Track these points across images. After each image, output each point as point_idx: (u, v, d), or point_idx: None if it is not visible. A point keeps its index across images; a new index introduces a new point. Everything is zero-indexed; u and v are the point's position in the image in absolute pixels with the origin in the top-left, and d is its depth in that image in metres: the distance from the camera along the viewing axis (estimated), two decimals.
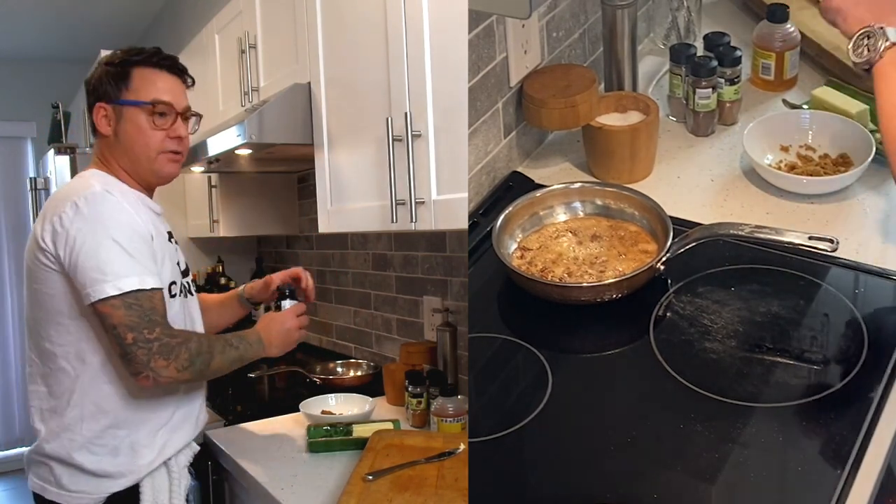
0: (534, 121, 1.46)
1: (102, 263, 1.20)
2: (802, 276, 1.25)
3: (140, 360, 1.20)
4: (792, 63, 1.57)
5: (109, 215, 1.24)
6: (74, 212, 1.23)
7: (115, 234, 1.22)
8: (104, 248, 1.21)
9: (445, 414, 1.60)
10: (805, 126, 1.47)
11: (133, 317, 1.20)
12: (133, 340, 1.20)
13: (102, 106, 1.37)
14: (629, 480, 1.01)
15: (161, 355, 1.22)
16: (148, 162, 1.37)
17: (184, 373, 1.25)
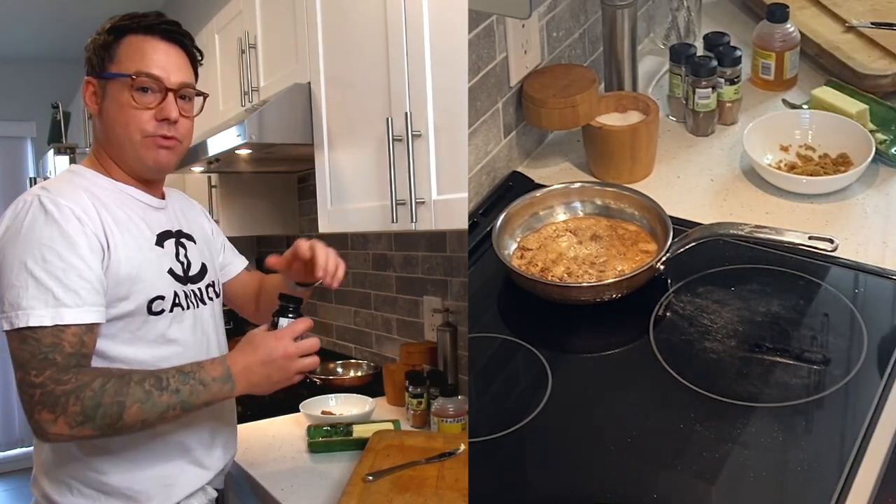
0: (534, 121, 1.46)
1: (4, 290, 1.01)
2: (802, 276, 1.25)
3: (25, 407, 0.99)
4: (792, 63, 1.57)
5: (28, 232, 1.01)
6: (2, 222, 1.05)
7: (27, 255, 1.00)
8: (9, 270, 1.01)
9: (446, 414, 1.60)
10: (805, 126, 1.47)
11: (24, 353, 0.98)
12: (19, 382, 0.98)
13: (90, 81, 1.16)
14: (629, 480, 1.01)
15: (44, 406, 0.97)
16: (131, 147, 1.14)
17: (79, 428, 0.97)
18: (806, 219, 1.34)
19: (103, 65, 1.14)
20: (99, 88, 1.15)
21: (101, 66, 1.14)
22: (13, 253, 1.01)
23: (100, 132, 1.17)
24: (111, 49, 1.15)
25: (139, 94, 1.12)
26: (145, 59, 1.13)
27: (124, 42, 1.15)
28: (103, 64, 1.14)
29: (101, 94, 1.15)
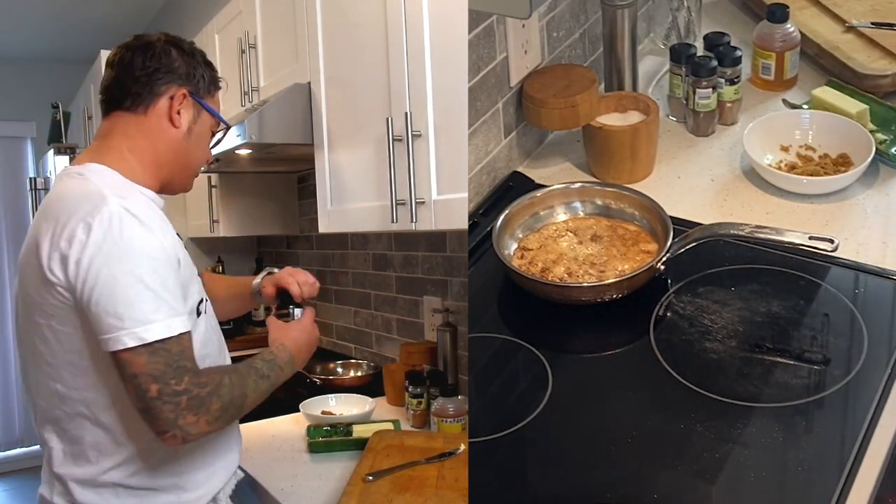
0: (534, 121, 1.46)
1: (121, 306, 0.98)
2: (802, 276, 1.25)
3: (166, 417, 0.99)
4: (792, 63, 1.57)
5: (130, 243, 1.00)
6: (87, 236, 0.99)
7: (135, 266, 1.00)
8: (122, 286, 0.99)
9: (446, 414, 1.60)
10: (805, 126, 1.47)
11: (158, 365, 0.99)
12: (158, 394, 0.98)
13: (186, 94, 1.17)
14: (629, 480, 1.01)
15: (190, 410, 1.00)
16: (192, 174, 1.25)
17: (215, 424, 1.04)
18: (806, 219, 1.34)
19: (207, 95, 1.21)
20: (194, 109, 1.19)
21: (205, 95, 1.21)
22: (121, 267, 0.99)
23: (169, 141, 1.17)
24: (214, 84, 1.23)
25: (213, 138, 1.26)
26: (221, 110, 1.26)
27: (215, 89, 1.24)
28: (207, 94, 1.21)
29: (193, 116, 1.19)
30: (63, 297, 1.02)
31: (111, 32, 4.16)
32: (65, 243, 1.00)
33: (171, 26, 3.80)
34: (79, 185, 1.08)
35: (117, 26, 4.12)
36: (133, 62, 1.15)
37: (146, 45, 1.17)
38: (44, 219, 1.06)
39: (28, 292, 1.08)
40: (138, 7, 3.91)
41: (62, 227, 1.02)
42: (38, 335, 1.08)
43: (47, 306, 1.05)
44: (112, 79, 1.17)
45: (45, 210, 1.08)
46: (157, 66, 1.15)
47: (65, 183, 1.10)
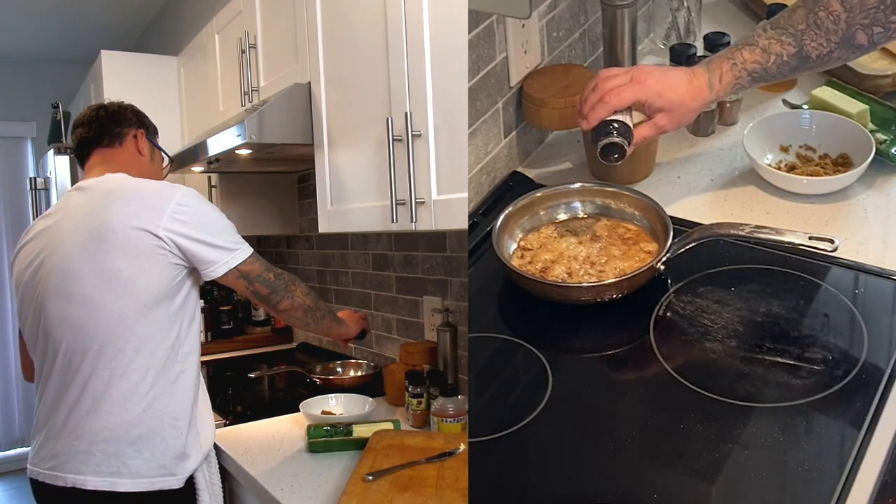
0: (534, 121, 1.46)
1: (229, 238, 1.43)
2: (802, 276, 1.25)
3: (282, 289, 1.48)
4: None
5: (213, 209, 1.45)
6: (192, 199, 1.40)
7: (221, 218, 1.45)
8: (220, 228, 1.42)
9: (445, 414, 1.60)
10: (805, 126, 1.47)
11: (263, 264, 1.47)
12: (276, 276, 1.48)
13: (142, 133, 1.65)
14: (629, 480, 1.01)
15: (292, 283, 1.51)
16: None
17: (306, 297, 1.54)
18: (806, 219, 1.34)
19: (155, 136, 1.71)
20: (148, 145, 1.67)
21: (154, 136, 1.70)
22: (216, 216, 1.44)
23: (142, 166, 1.63)
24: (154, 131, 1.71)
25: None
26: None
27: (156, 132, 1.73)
28: (155, 136, 1.71)
29: (149, 149, 1.67)
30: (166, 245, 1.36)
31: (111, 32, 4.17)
32: (178, 206, 1.38)
33: (171, 26, 3.80)
34: (131, 181, 1.47)
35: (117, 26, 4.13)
36: (100, 113, 1.61)
37: (102, 106, 1.64)
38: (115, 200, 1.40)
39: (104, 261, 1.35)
40: (138, 7, 3.91)
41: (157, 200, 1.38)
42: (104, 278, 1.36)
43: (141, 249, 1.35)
44: (86, 131, 1.60)
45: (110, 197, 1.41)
46: (121, 114, 1.63)
47: (117, 180, 1.47)
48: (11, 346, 4.57)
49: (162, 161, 1.73)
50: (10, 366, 4.56)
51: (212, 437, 1.51)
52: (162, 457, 1.38)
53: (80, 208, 1.43)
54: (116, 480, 1.35)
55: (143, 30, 4.25)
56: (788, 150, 1.47)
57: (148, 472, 1.36)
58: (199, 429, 1.46)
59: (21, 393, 4.59)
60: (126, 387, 1.35)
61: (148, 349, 1.37)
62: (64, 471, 1.37)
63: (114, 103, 1.67)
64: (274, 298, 1.48)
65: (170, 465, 1.38)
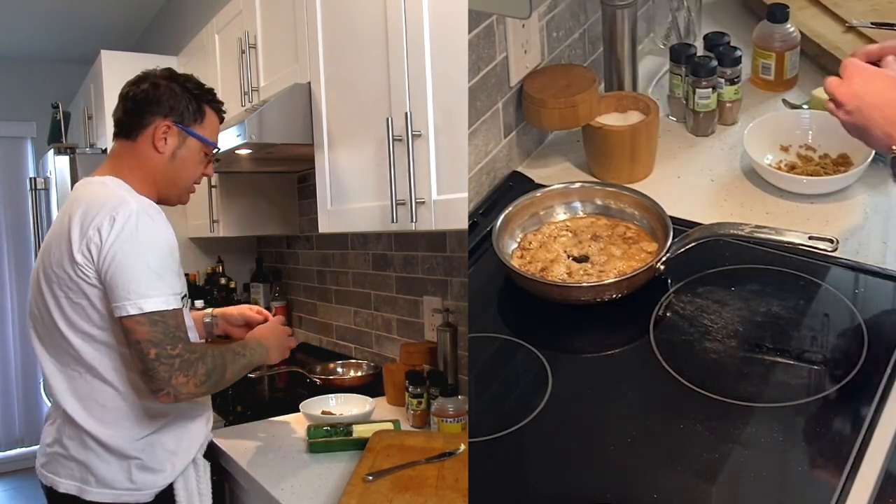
0: (533, 121, 1.46)
1: (130, 283, 1.22)
2: (802, 276, 1.25)
3: (161, 376, 1.22)
4: (792, 63, 1.57)
5: (143, 236, 1.25)
6: (111, 227, 1.24)
7: (147, 255, 1.25)
8: (132, 265, 1.23)
9: (446, 414, 1.60)
10: (805, 126, 1.47)
11: (157, 333, 1.22)
12: (156, 356, 1.22)
13: (169, 125, 1.39)
14: (629, 480, 1.01)
15: (181, 371, 1.23)
16: (183, 190, 1.46)
17: (201, 387, 1.27)
18: (806, 219, 1.34)
19: (192, 123, 1.42)
20: (179, 137, 1.41)
21: (190, 122, 1.41)
22: (133, 251, 1.24)
23: (155, 164, 1.40)
24: (201, 115, 1.43)
25: (205, 159, 1.46)
26: (215, 133, 1.48)
27: (207, 112, 1.45)
28: (192, 122, 1.42)
29: (178, 142, 1.41)
30: (85, 274, 1.26)
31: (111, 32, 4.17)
32: (93, 231, 1.24)
33: (171, 26, 3.80)
34: (104, 189, 1.33)
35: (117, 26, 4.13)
36: (127, 96, 1.41)
37: (140, 80, 1.41)
38: (74, 211, 1.29)
39: (52, 269, 1.30)
40: (138, 7, 3.91)
41: (91, 217, 1.26)
42: (55, 304, 1.31)
43: (69, 281, 1.27)
44: (117, 110, 1.42)
45: (74, 205, 1.31)
46: (144, 101, 1.39)
47: (92, 187, 1.35)
48: (11, 346, 4.57)
49: (200, 154, 1.45)
50: (10, 366, 4.56)
51: (196, 445, 1.42)
52: (127, 469, 1.33)
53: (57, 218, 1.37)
54: (84, 487, 1.34)
55: (143, 30, 4.25)
56: (788, 149, 1.47)
57: (115, 484, 1.33)
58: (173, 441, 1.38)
59: (21, 393, 4.59)
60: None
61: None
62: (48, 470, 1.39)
63: (158, 73, 1.43)
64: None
65: (137, 479, 1.34)
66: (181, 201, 1.49)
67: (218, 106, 1.48)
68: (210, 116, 1.45)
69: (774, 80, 1.58)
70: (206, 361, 1.27)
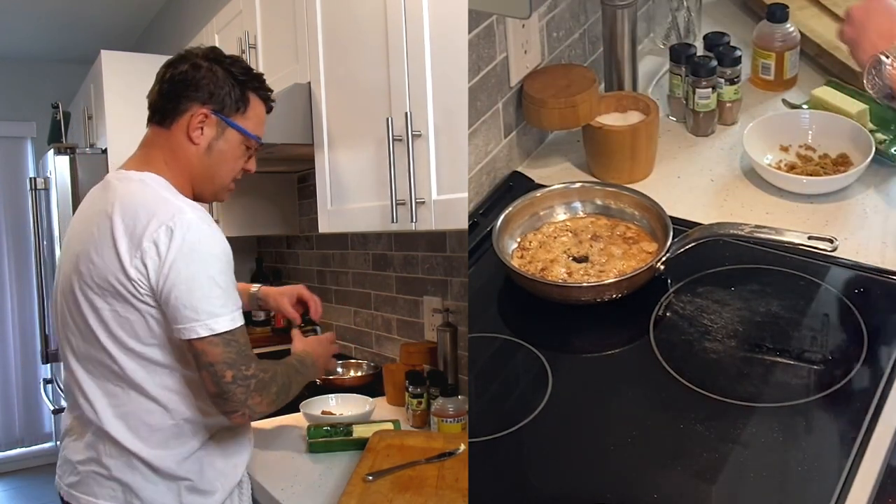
0: (533, 121, 1.46)
1: (196, 301, 1.12)
2: (802, 276, 1.25)
3: (238, 398, 1.14)
4: (792, 63, 1.57)
5: (206, 248, 1.15)
6: (170, 239, 1.12)
7: (211, 269, 1.14)
8: (198, 283, 1.12)
9: (446, 414, 1.60)
10: (805, 126, 1.47)
11: (231, 354, 1.13)
12: (232, 378, 1.13)
13: (207, 114, 1.24)
14: (629, 480, 1.01)
15: (257, 392, 1.16)
16: (221, 186, 1.34)
17: (272, 406, 1.19)
18: (806, 219, 1.34)
19: (234, 113, 1.27)
20: (218, 127, 1.26)
21: (231, 113, 1.27)
22: (197, 267, 1.13)
23: (189, 156, 1.26)
24: (245, 104, 1.29)
25: (247, 153, 1.33)
26: (259, 125, 1.34)
27: (252, 101, 1.30)
28: (234, 112, 1.27)
29: (215, 133, 1.27)
30: (137, 290, 1.14)
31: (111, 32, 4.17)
32: (148, 244, 1.12)
33: (171, 26, 3.80)
34: (147, 191, 1.19)
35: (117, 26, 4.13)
36: (164, 77, 1.26)
37: (179, 60, 1.26)
38: (114, 212, 1.16)
39: (92, 279, 1.17)
40: (138, 7, 3.91)
41: (143, 226, 1.13)
42: (96, 317, 1.18)
43: (116, 294, 1.15)
44: (151, 92, 1.28)
45: (113, 205, 1.17)
46: (182, 84, 1.24)
47: (131, 185, 1.21)
48: (11, 345, 4.57)
49: (241, 148, 1.31)
50: (10, 366, 4.56)
51: (244, 463, 1.31)
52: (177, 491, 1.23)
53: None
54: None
55: (143, 30, 4.25)
56: (788, 149, 1.47)
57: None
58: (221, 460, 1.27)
59: (21, 393, 4.59)
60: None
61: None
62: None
63: (201, 53, 1.27)
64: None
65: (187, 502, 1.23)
66: (217, 198, 1.37)
67: (266, 94, 1.34)
68: (255, 106, 1.31)
69: (774, 79, 1.58)
70: (277, 380, 1.20)
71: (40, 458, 4.51)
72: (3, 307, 4.56)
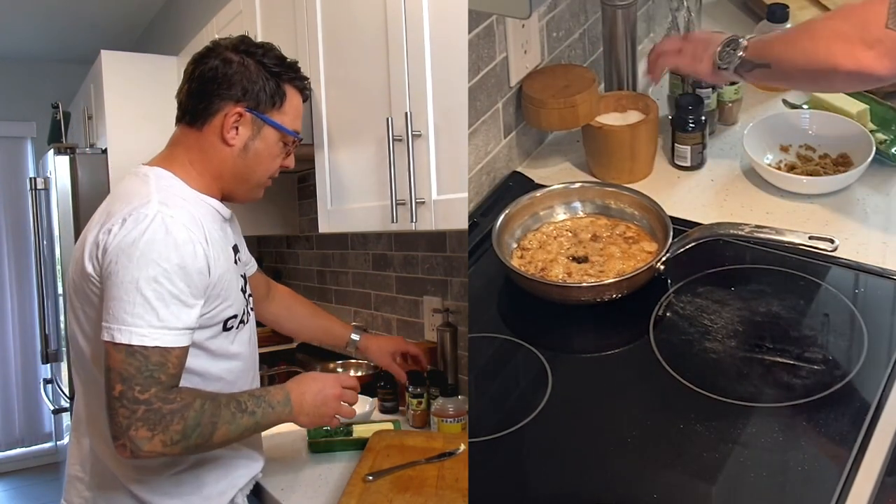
0: (533, 121, 1.46)
1: (112, 302, 1.00)
2: (802, 276, 1.25)
3: (119, 422, 0.98)
4: None
5: (147, 248, 1.01)
6: (118, 231, 1.02)
7: (142, 273, 1.00)
8: (122, 285, 1.00)
9: (446, 414, 1.60)
10: (805, 126, 1.47)
11: (130, 368, 0.99)
12: (119, 394, 0.98)
13: (242, 112, 1.15)
14: (629, 480, 1.01)
15: (146, 423, 0.98)
16: (256, 185, 1.23)
17: (172, 447, 1.00)
18: (806, 219, 1.34)
19: (270, 109, 1.18)
20: (254, 126, 1.17)
21: (266, 109, 1.17)
22: (126, 266, 1.00)
23: (222, 157, 1.17)
24: (281, 98, 1.19)
25: (286, 149, 1.22)
26: (298, 119, 1.22)
27: (288, 94, 1.20)
28: (270, 108, 1.18)
29: (252, 132, 1.17)
30: (95, 286, 1.07)
31: (111, 32, 4.17)
32: (103, 234, 1.04)
33: (171, 26, 3.80)
34: (136, 185, 1.12)
35: (117, 26, 4.13)
36: (192, 75, 1.17)
37: (208, 54, 1.16)
38: (94, 214, 1.13)
39: (72, 277, 1.13)
40: (138, 7, 3.91)
41: (106, 216, 1.07)
42: (74, 318, 1.14)
43: (82, 294, 1.10)
44: (180, 91, 1.19)
45: (105, 202, 1.15)
46: (212, 81, 1.14)
47: (127, 181, 1.15)
48: (11, 345, 4.57)
49: (278, 145, 1.21)
50: (10, 366, 4.56)
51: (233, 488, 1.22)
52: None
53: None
54: None
55: (143, 30, 4.25)
56: (788, 149, 1.47)
57: None
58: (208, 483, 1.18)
59: (21, 393, 4.59)
60: None
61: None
62: None
63: (230, 45, 1.17)
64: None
65: None
66: (252, 198, 1.25)
67: (302, 84, 1.23)
68: (292, 98, 1.20)
69: None
70: (188, 417, 1.00)
71: (40, 458, 4.51)
72: (3, 307, 4.55)
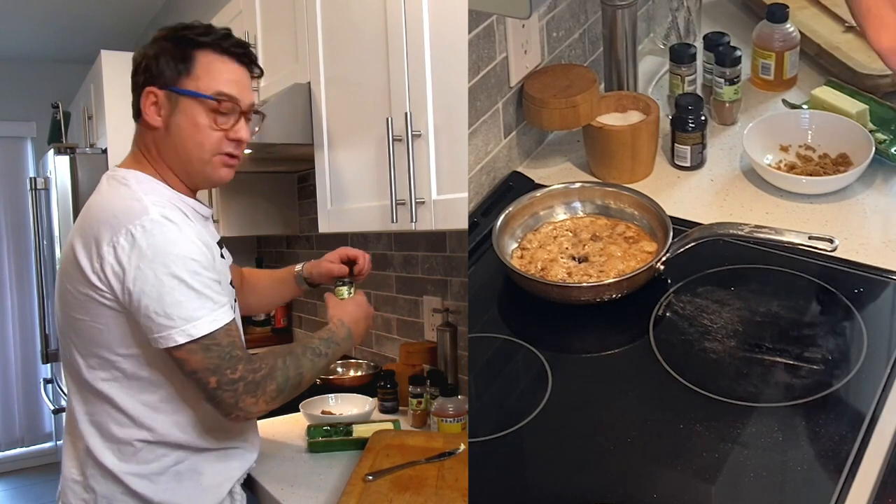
0: (534, 121, 1.46)
1: (168, 307, 1.04)
2: (802, 276, 1.25)
3: (228, 402, 1.08)
4: (792, 63, 1.57)
5: (172, 249, 1.05)
6: (131, 245, 1.04)
7: (180, 271, 1.05)
8: (167, 288, 1.04)
9: (445, 414, 1.60)
10: (805, 126, 1.47)
11: (213, 359, 1.06)
12: (217, 384, 1.07)
13: (153, 91, 1.14)
14: (629, 480, 1.01)
15: (248, 394, 1.08)
16: (200, 164, 1.18)
17: (273, 402, 1.12)
18: (806, 219, 1.34)
19: (177, 79, 1.14)
20: (166, 101, 1.15)
21: (174, 80, 1.14)
22: (164, 271, 1.04)
23: (161, 143, 1.17)
24: (187, 63, 1.15)
25: (219, 117, 1.16)
26: (223, 81, 1.16)
27: (200, 58, 1.15)
28: (177, 78, 1.14)
29: (169, 108, 1.15)
30: (105, 300, 1.08)
31: (111, 32, 4.17)
32: (107, 248, 1.06)
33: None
34: (118, 191, 1.13)
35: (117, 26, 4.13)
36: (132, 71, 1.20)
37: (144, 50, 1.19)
38: (85, 221, 1.12)
39: (66, 288, 1.13)
40: (138, 7, 3.91)
41: (102, 232, 1.07)
42: (72, 328, 1.15)
43: (86, 305, 1.10)
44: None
45: (87, 212, 1.14)
46: (134, 74, 1.18)
47: (110, 187, 1.16)
48: (11, 346, 4.57)
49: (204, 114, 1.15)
50: (10, 366, 4.56)
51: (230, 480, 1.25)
52: None
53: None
54: None
55: (143, 30, 4.25)
56: (788, 149, 1.47)
57: None
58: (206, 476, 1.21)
59: (21, 393, 4.59)
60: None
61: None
62: None
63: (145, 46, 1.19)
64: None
65: None
66: (211, 181, 1.21)
67: (221, 45, 1.17)
68: (206, 62, 1.15)
69: (774, 79, 1.58)
70: (276, 377, 1.11)
71: (40, 458, 4.51)
72: (3, 307, 4.56)
